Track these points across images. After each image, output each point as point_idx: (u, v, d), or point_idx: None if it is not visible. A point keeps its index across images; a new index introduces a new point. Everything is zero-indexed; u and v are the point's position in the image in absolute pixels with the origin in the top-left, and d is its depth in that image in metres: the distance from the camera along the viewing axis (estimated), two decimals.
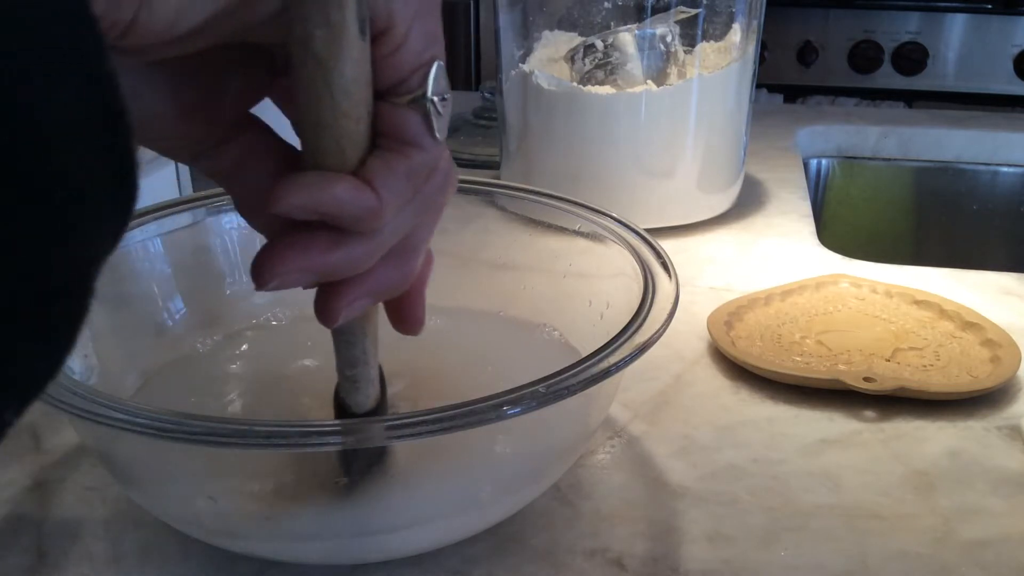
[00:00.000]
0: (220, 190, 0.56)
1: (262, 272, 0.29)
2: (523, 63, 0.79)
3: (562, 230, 0.54)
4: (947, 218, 1.05)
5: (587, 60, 0.76)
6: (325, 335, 0.44)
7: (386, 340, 0.45)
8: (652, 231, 0.51)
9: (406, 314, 0.36)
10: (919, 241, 1.07)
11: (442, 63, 0.27)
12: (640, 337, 0.41)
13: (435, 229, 0.32)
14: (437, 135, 0.27)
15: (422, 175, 0.28)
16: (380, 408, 0.39)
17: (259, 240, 0.32)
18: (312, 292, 0.32)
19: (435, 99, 0.27)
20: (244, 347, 0.54)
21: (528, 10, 0.79)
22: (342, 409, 0.38)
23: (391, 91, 0.27)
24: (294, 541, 0.41)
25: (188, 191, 0.75)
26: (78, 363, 0.44)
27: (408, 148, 0.27)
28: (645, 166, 0.76)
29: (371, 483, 0.40)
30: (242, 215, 0.32)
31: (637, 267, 0.48)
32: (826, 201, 1.05)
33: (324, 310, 0.31)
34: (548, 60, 0.79)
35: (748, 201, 0.84)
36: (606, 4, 0.78)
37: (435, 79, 0.27)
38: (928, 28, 1.70)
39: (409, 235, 0.30)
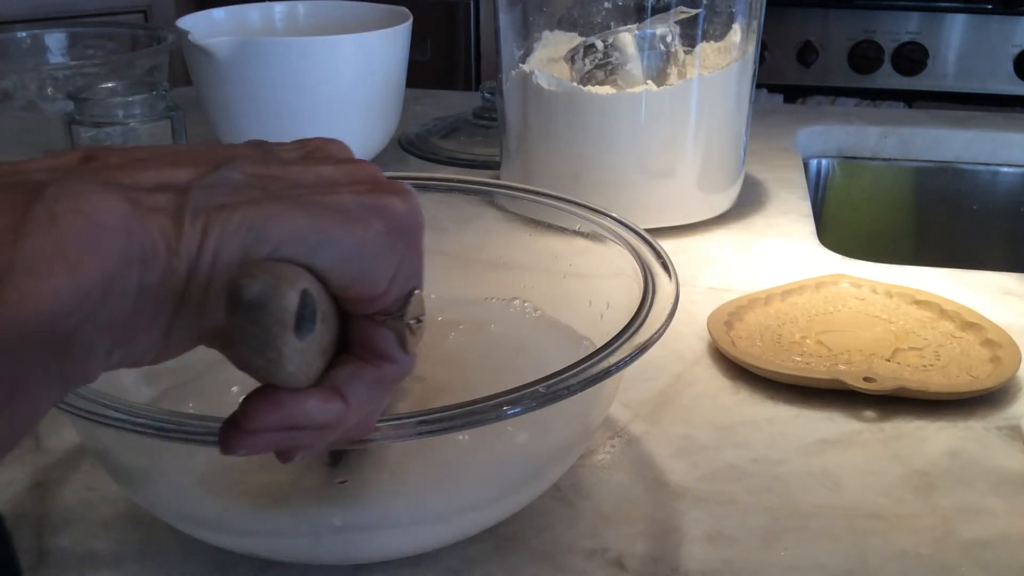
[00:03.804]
0: None
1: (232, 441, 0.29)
2: (523, 63, 0.79)
3: (562, 230, 0.54)
4: (947, 218, 1.05)
5: (587, 60, 0.76)
6: None
7: None
8: (652, 231, 0.51)
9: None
10: (919, 241, 1.07)
11: (419, 291, 0.29)
12: (640, 337, 0.41)
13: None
14: (409, 350, 0.30)
15: (388, 383, 0.30)
16: None
17: None
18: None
19: (411, 322, 0.29)
20: None
21: (528, 10, 0.79)
22: None
23: (372, 314, 0.29)
24: (294, 541, 0.41)
25: None
26: None
27: (380, 360, 0.30)
28: (645, 166, 0.76)
29: (370, 483, 0.40)
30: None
31: (637, 267, 0.48)
32: (826, 201, 1.04)
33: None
34: (548, 60, 0.79)
35: (748, 201, 0.84)
36: (606, 4, 0.78)
37: (412, 305, 0.29)
38: (928, 28, 1.70)
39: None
